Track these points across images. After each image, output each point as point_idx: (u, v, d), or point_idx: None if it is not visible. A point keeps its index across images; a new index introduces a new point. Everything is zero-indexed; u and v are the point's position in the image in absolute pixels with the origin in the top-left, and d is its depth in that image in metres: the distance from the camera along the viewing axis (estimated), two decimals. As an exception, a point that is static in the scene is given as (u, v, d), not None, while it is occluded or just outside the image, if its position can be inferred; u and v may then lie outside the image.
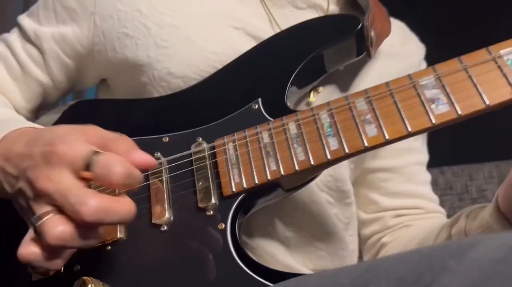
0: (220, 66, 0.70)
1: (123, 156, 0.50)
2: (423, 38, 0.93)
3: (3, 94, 0.79)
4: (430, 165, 1.45)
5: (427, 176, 0.92)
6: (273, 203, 0.65)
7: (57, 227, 0.47)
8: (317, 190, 0.74)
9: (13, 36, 0.80)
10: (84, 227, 0.48)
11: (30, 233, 0.50)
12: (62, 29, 0.77)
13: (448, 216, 1.30)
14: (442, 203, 1.33)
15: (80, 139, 0.51)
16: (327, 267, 0.75)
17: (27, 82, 0.79)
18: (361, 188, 0.89)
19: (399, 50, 0.86)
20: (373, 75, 0.78)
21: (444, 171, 1.38)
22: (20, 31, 0.80)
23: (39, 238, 0.48)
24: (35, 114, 0.82)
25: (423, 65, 0.93)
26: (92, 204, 0.47)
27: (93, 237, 0.50)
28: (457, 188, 1.32)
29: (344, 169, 0.77)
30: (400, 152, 0.87)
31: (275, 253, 0.71)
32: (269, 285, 0.53)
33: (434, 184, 1.38)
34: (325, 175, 0.74)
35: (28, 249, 0.49)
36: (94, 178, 0.49)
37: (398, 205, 0.87)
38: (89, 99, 0.79)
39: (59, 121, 0.75)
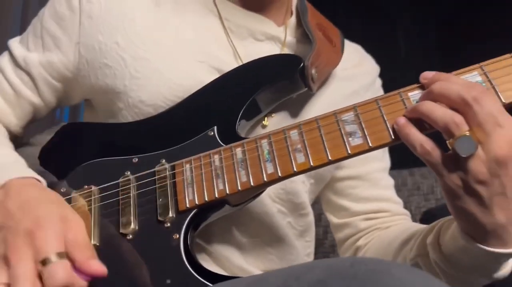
0: (185, 96, 0.81)
1: (81, 262, 0.60)
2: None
3: None
4: (401, 167, 1.56)
5: (390, 181, 1.02)
6: (229, 214, 0.77)
7: None
8: (270, 201, 0.85)
9: (5, 61, 0.89)
10: None
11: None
12: (49, 56, 0.86)
13: (414, 215, 1.41)
14: (409, 203, 1.45)
15: (57, 235, 0.60)
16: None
17: (20, 103, 0.89)
18: (331, 196, 0.99)
19: (352, 73, 0.97)
20: (323, 99, 0.89)
21: (413, 172, 1.48)
22: (10, 57, 0.89)
23: None
24: (25, 128, 0.93)
25: (378, 83, 1.03)
26: None
27: None
28: (424, 189, 1.43)
29: (297, 184, 0.87)
30: (363, 161, 0.97)
31: (230, 257, 0.83)
32: (209, 285, 0.65)
33: (403, 185, 1.49)
34: (277, 189, 0.85)
35: None
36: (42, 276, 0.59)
37: (367, 210, 0.97)
38: (76, 122, 0.90)
39: (52, 140, 0.86)
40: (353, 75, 0.97)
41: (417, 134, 0.63)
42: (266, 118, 0.84)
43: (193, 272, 0.67)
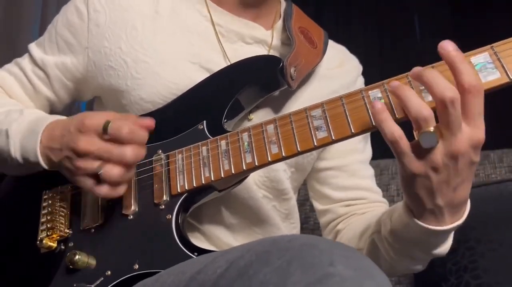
0: (179, 94, 0.92)
1: (135, 120, 0.79)
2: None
3: None
4: (386, 157, 1.64)
5: (370, 171, 1.11)
6: (219, 198, 0.88)
7: (113, 171, 0.76)
8: (256, 187, 0.95)
9: (25, 61, 1.03)
10: (126, 166, 0.77)
11: (90, 181, 0.78)
12: (63, 58, 0.99)
13: (394, 197, 1.50)
14: (389, 185, 1.54)
15: (99, 113, 0.79)
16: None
17: (38, 98, 1.03)
18: (315, 184, 1.09)
19: (335, 72, 1.06)
20: (305, 96, 0.98)
21: (396, 161, 1.56)
22: (30, 57, 1.03)
23: (105, 181, 0.76)
24: None
25: (359, 81, 1.12)
26: (130, 152, 0.76)
27: (132, 170, 0.80)
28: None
29: (278, 172, 0.97)
30: (345, 153, 1.07)
31: (221, 236, 0.94)
32: (194, 257, 0.76)
33: (385, 170, 1.58)
34: (261, 176, 0.96)
35: (102, 189, 0.77)
36: (110, 138, 0.76)
37: (346, 197, 1.06)
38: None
39: None
40: (335, 75, 1.06)
41: (390, 121, 0.68)
42: (251, 113, 0.94)
43: (182, 246, 0.78)
